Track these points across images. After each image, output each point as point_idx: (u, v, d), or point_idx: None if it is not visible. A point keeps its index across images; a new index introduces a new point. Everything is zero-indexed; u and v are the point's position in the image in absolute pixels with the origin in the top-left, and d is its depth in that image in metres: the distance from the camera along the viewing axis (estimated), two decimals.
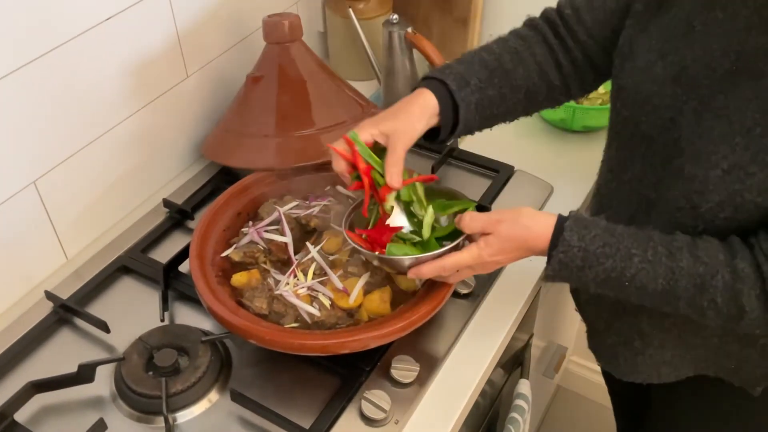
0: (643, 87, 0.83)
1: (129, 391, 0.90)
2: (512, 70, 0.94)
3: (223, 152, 1.18)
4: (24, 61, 0.94)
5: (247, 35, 1.32)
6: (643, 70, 0.84)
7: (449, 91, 0.90)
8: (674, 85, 0.80)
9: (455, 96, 0.90)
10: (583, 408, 2.00)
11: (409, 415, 0.89)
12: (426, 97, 0.90)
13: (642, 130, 0.85)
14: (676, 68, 0.80)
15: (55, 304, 1.03)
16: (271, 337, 0.87)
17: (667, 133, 0.81)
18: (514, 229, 0.82)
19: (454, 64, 0.93)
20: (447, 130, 0.93)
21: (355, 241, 0.88)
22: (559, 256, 0.80)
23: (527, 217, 0.82)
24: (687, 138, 0.79)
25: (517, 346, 1.21)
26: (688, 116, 0.79)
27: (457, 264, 0.84)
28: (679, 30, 0.81)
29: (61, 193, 1.06)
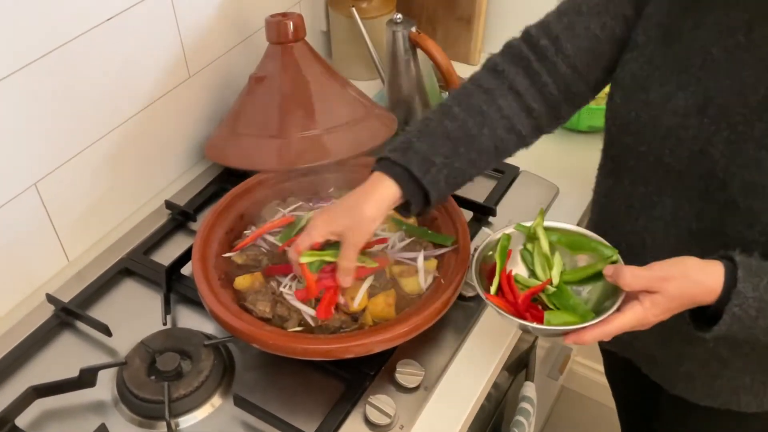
0: (662, 120, 0.81)
1: (131, 395, 0.89)
2: (478, 135, 0.88)
3: (226, 153, 1.17)
4: (25, 62, 0.93)
5: (250, 35, 1.31)
6: (659, 104, 0.81)
7: (414, 177, 0.85)
8: (700, 116, 0.78)
9: (422, 182, 0.85)
10: (587, 409, 2.00)
11: (415, 420, 0.88)
12: (385, 189, 0.85)
13: (667, 164, 0.82)
14: (701, 98, 0.78)
15: (57, 307, 1.02)
16: (274, 341, 0.86)
17: (698, 165, 0.79)
18: (684, 287, 0.75)
19: (415, 142, 0.86)
20: (418, 207, 0.88)
21: (499, 306, 0.84)
22: (733, 310, 0.72)
23: (696, 271, 0.75)
24: (725, 169, 0.77)
25: (522, 348, 1.21)
26: (720, 146, 0.77)
27: (622, 328, 0.77)
28: (696, 60, 0.79)
29: (63, 195, 1.06)
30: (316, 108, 1.16)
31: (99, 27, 1.01)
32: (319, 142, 1.13)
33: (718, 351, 0.89)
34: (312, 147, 1.13)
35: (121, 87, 1.09)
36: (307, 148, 1.13)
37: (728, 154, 0.76)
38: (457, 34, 1.50)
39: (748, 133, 0.75)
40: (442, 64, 1.23)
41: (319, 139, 1.13)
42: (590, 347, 1.94)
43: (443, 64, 1.23)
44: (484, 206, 1.14)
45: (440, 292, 0.91)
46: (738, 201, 0.76)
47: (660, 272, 0.76)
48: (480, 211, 1.14)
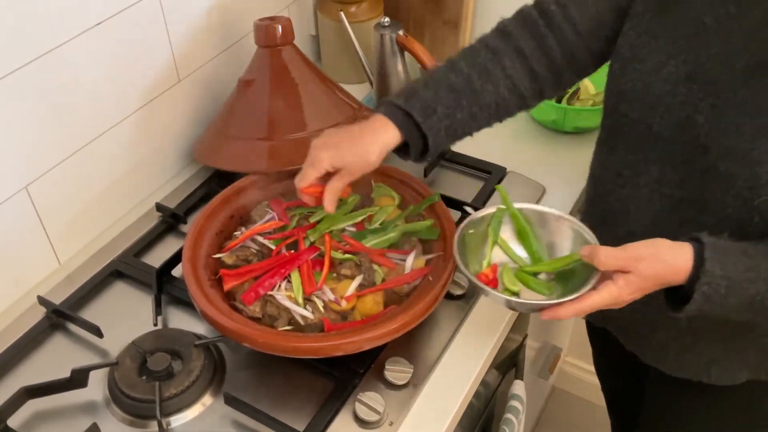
0: (653, 88, 0.83)
1: (122, 395, 0.90)
2: (480, 90, 0.91)
3: (216, 156, 1.18)
4: (14, 67, 0.94)
5: (239, 39, 1.32)
6: (652, 72, 0.83)
7: (415, 122, 0.88)
8: (689, 83, 0.80)
9: (422, 127, 0.88)
10: (577, 408, 2.01)
11: (404, 416, 0.89)
12: (389, 136, 0.88)
13: (655, 132, 0.84)
14: (691, 66, 0.80)
15: (48, 309, 1.02)
16: (264, 339, 0.87)
17: (684, 132, 0.81)
18: (655, 267, 0.77)
19: (420, 90, 0.90)
20: (417, 154, 0.91)
21: (483, 282, 0.86)
22: (703, 289, 0.75)
23: (666, 251, 0.78)
24: (707, 134, 0.79)
25: (511, 347, 1.22)
26: (705, 113, 0.79)
27: (595, 306, 0.80)
28: (689, 29, 0.81)
29: (54, 198, 1.06)
30: (305, 111, 1.17)
31: (89, 31, 1.02)
32: (308, 145, 1.14)
33: (690, 323, 0.91)
34: (300, 149, 1.12)
35: (111, 91, 1.09)
36: (295, 150, 1.13)
37: (711, 119, 0.78)
38: (444, 37, 1.51)
39: (731, 100, 0.77)
40: (430, 66, 1.24)
41: (307, 142, 1.13)
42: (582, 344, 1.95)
43: (431, 66, 1.24)
44: (472, 206, 1.15)
45: (429, 290, 0.92)
46: (718, 166, 0.78)
47: (633, 253, 0.78)
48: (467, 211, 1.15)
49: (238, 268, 0.97)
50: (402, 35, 1.26)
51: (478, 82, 0.91)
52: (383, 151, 0.88)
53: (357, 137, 0.88)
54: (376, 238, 1.01)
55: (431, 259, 0.99)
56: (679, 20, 0.82)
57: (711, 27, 0.79)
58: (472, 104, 0.91)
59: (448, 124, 0.90)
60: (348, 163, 0.87)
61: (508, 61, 0.92)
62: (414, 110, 0.88)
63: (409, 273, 0.96)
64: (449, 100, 0.89)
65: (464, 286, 1.03)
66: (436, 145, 0.90)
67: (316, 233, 1.00)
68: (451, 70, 0.92)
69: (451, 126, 0.90)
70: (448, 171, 1.27)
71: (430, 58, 1.25)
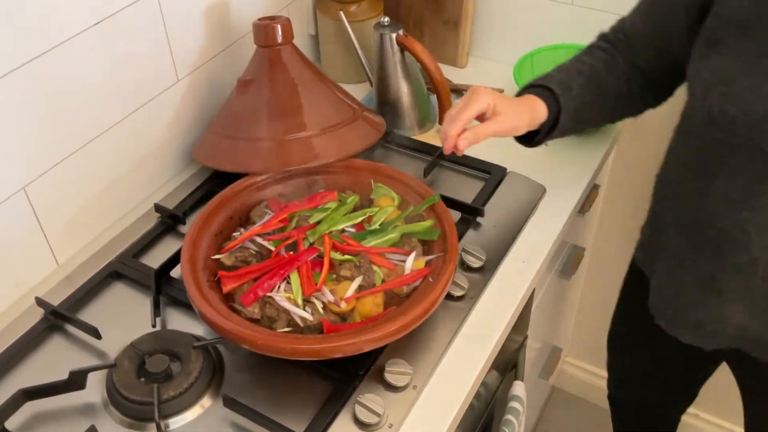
0: (755, 108, 0.82)
1: (121, 397, 0.89)
2: (605, 78, 0.99)
3: (214, 156, 1.18)
4: (12, 67, 0.93)
5: (238, 39, 1.31)
6: (749, 93, 0.82)
7: (554, 96, 0.95)
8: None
9: (560, 100, 0.95)
10: (578, 409, 2.01)
11: (404, 418, 0.89)
12: (540, 108, 0.96)
13: (765, 152, 0.83)
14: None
15: (46, 310, 1.02)
16: (263, 341, 0.86)
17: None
18: None
19: (554, 73, 0.99)
20: (542, 132, 0.98)
21: None
22: None
23: None
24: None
25: (511, 348, 1.21)
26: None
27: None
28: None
29: (52, 199, 1.06)
30: (305, 111, 1.17)
31: (87, 31, 1.02)
32: (308, 145, 1.14)
33: None
34: (300, 150, 1.13)
35: (109, 91, 1.09)
36: (295, 150, 1.13)
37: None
38: (445, 37, 1.51)
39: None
40: (430, 66, 1.24)
41: (307, 142, 1.14)
42: (582, 345, 1.95)
43: (431, 66, 1.24)
44: (472, 207, 1.14)
45: (429, 291, 0.92)
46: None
47: None
48: (468, 211, 1.15)
49: (237, 270, 0.96)
50: (402, 35, 1.26)
51: (603, 71, 1.00)
52: (533, 121, 0.95)
53: (518, 101, 0.96)
54: (376, 239, 1.00)
55: (431, 260, 0.98)
56: (764, 40, 0.81)
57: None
58: (598, 90, 0.98)
59: (578, 104, 0.97)
60: (505, 113, 0.91)
61: (619, 58, 1.01)
62: (553, 84, 0.96)
63: (409, 274, 0.96)
64: (581, 81, 0.97)
65: (464, 287, 1.02)
66: (563, 125, 0.96)
67: (315, 234, 1.00)
68: (577, 62, 1.01)
69: (579, 107, 0.97)
70: (448, 171, 1.27)
71: (430, 58, 1.24)
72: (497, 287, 1.05)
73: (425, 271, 0.96)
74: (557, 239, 1.14)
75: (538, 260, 1.09)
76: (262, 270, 0.95)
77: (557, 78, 0.99)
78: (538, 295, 1.30)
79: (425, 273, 0.96)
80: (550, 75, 1.00)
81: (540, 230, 1.14)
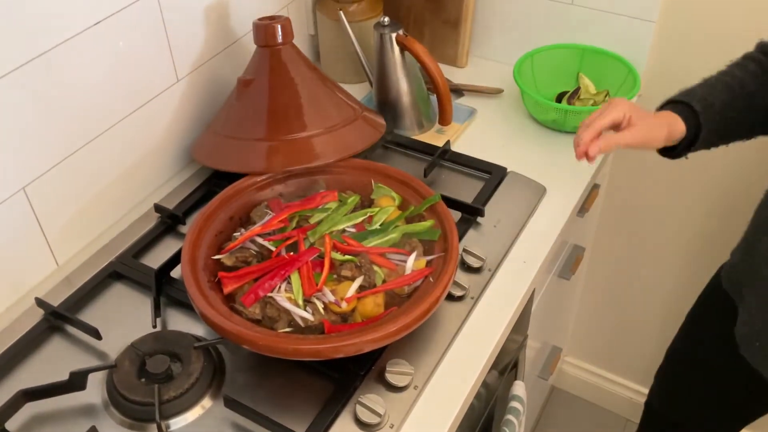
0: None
1: (121, 398, 0.89)
2: (755, 92, 0.97)
3: (215, 156, 1.17)
4: (12, 67, 0.93)
5: (238, 38, 1.31)
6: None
7: (695, 113, 0.94)
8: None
9: (700, 117, 0.93)
10: (577, 408, 2.01)
11: (405, 419, 0.89)
12: (678, 125, 0.94)
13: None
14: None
15: (46, 311, 1.02)
16: (264, 342, 0.86)
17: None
18: None
19: (697, 88, 0.97)
20: (684, 146, 0.97)
21: None
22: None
23: None
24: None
25: (511, 348, 1.21)
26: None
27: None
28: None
29: (51, 199, 1.05)
30: (305, 111, 1.17)
31: (86, 31, 1.02)
32: (308, 145, 1.14)
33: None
34: (300, 150, 1.13)
35: (108, 91, 1.09)
36: (295, 150, 1.13)
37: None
38: (445, 37, 1.51)
39: None
40: (430, 66, 1.24)
41: (307, 142, 1.14)
42: (582, 344, 1.95)
43: (431, 66, 1.24)
44: (473, 207, 1.14)
45: (429, 291, 0.92)
46: None
47: None
48: (468, 211, 1.15)
49: (237, 271, 0.96)
50: (402, 35, 1.25)
51: (753, 85, 0.97)
52: (670, 136, 0.94)
53: (655, 116, 0.95)
54: (377, 239, 1.00)
55: (432, 260, 0.98)
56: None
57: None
58: (745, 105, 0.96)
59: (722, 120, 0.94)
60: (640, 125, 0.91)
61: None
62: (693, 101, 0.94)
63: (410, 274, 0.96)
64: (725, 97, 0.95)
65: (465, 287, 1.02)
66: (706, 140, 0.95)
67: (316, 234, 1.00)
68: (725, 75, 0.99)
69: (723, 122, 0.95)
70: (449, 171, 1.27)
71: (430, 58, 1.24)
72: (498, 287, 1.05)
73: (426, 271, 0.96)
74: (557, 239, 1.14)
75: (538, 260, 1.09)
76: (263, 270, 0.95)
77: (699, 94, 0.97)
78: (538, 295, 1.31)
79: (426, 273, 0.96)
80: (693, 90, 0.98)
81: (540, 230, 1.14)
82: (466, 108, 1.40)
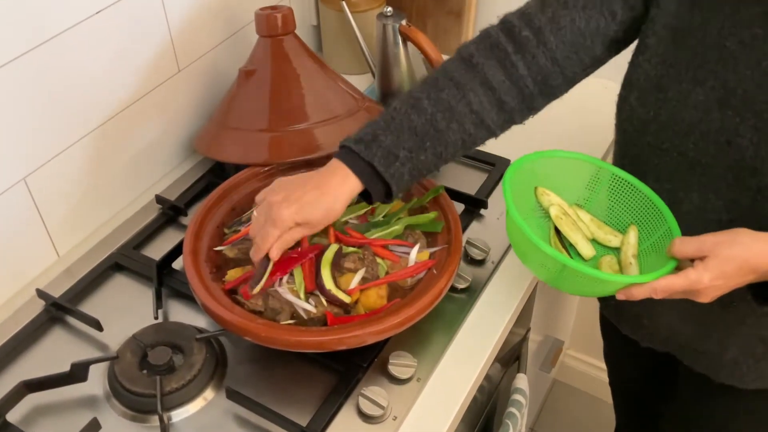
0: (683, 116, 0.82)
1: (123, 389, 0.89)
2: (445, 129, 0.87)
3: (216, 147, 1.17)
4: (12, 57, 0.93)
5: (240, 28, 1.30)
6: (678, 101, 0.82)
7: (377, 171, 0.85)
8: (723, 109, 0.79)
9: (384, 176, 0.85)
10: (579, 401, 2.01)
11: (408, 411, 0.88)
12: (350, 187, 0.85)
13: (691, 159, 0.83)
14: (720, 92, 0.79)
15: (47, 302, 1.01)
16: (267, 334, 0.86)
17: (726, 156, 0.80)
18: (734, 249, 0.75)
19: (381, 135, 0.85)
20: (380, 197, 0.88)
21: None
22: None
23: (745, 234, 0.76)
24: (754, 155, 0.78)
25: (514, 341, 1.21)
26: (747, 135, 0.78)
27: (670, 288, 0.77)
28: (711, 55, 0.79)
29: (52, 190, 1.05)
30: (307, 101, 1.16)
31: (87, 21, 1.01)
32: (310, 136, 1.13)
33: (761, 333, 0.91)
34: (302, 140, 1.13)
35: (110, 81, 1.08)
36: (297, 141, 1.12)
37: (757, 141, 0.77)
38: (448, 28, 1.50)
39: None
40: (433, 57, 1.23)
41: (309, 133, 1.13)
42: (584, 337, 1.95)
43: (434, 57, 1.23)
44: (476, 198, 1.14)
45: (433, 283, 0.91)
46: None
47: (710, 237, 0.77)
48: (471, 203, 1.14)
49: (241, 277, 0.95)
50: (405, 25, 1.25)
51: (443, 122, 0.86)
52: (347, 202, 0.86)
53: (320, 190, 0.85)
54: (379, 231, 1.00)
55: (435, 251, 0.98)
56: (697, 47, 0.80)
57: (736, 51, 0.77)
58: (436, 144, 0.87)
59: (411, 167, 0.86)
60: (313, 219, 0.85)
61: (473, 96, 0.87)
62: (375, 159, 0.84)
63: (413, 266, 0.95)
64: (412, 143, 0.86)
65: (468, 279, 1.02)
66: (400, 189, 0.88)
67: None
68: (413, 110, 0.87)
69: (414, 168, 0.87)
70: (452, 163, 1.25)
71: (433, 49, 1.23)
72: (501, 279, 1.05)
73: (429, 263, 0.95)
74: None
75: None
76: None
77: (383, 145, 0.85)
78: (540, 288, 1.30)
79: (429, 265, 0.95)
80: (377, 139, 0.85)
81: None
82: None
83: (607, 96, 1.09)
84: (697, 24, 0.80)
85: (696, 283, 0.76)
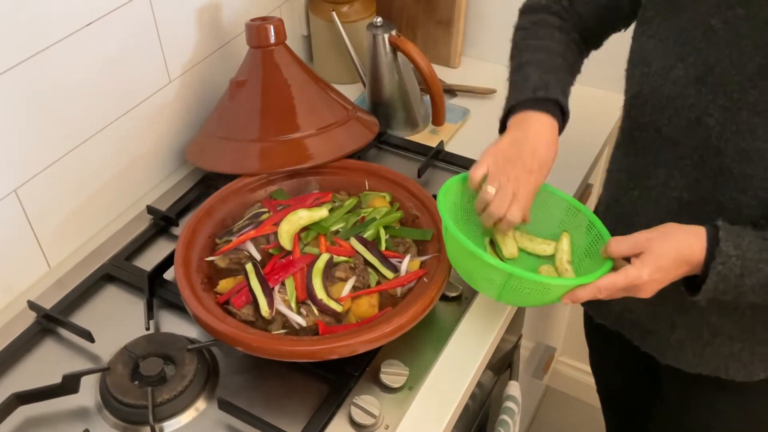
0: (662, 90, 0.84)
1: (114, 401, 0.88)
2: (574, 63, 0.98)
3: (207, 157, 1.17)
4: (3, 68, 0.93)
5: (230, 39, 1.31)
6: (660, 75, 0.84)
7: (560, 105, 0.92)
8: (698, 86, 0.81)
9: (564, 108, 0.92)
10: (572, 408, 2.01)
11: (399, 419, 0.89)
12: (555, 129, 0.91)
13: (664, 134, 0.85)
14: (700, 69, 0.81)
15: (38, 314, 1.01)
16: (258, 344, 0.86)
17: (694, 134, 0.82)
18: (668, 243, 0.78)
19: (551, 79, 0.92)
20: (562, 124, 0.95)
21: None
22: (718, 269, 0.76)
23: (678, 229, 0.79)
24: (719, 136, 0.80)
25: (506, 348, 1.21)
26: (715, 115, 0.80)
27: (613, 286, 0.80)
28: (696, 32, 0.81)
29: (43, 202, 1.05)
30: (298, 111, 1.17)
31: (78, 32, 1.01)
32: (301, 146, 1.13)
33: (709, 318, 0.93)
34: (293, 150, 1.13)
35: (100, 92, 1.08)
36: (288, 151, 1.13)
37: (723, 121, 0.79)
38: (437, 37, 1.51)
39: (743, 101, 0.78)
40: (423, 67, 1.24)
41: (300, 143, 1.14)
42: (576, 344, 1.96)
43: (424, 67, 1.24)
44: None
45: (424, 292, 0.92)
46: (732, 167, 0.79)
47: (643, 234, 0.80)
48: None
49: (234, 288, 0.95)
50: (395, 35, 1.25)
51: (571, 56, 0.97)
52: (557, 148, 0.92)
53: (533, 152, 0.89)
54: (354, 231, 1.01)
55: (426, 260, 0.98)
56: (686, 24, 0.83)
57: (719, 29, 0.79)
58: (575, 74, 0.99)
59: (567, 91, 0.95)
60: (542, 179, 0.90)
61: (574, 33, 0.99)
62: (561, 99, 0.91)
63: (405, 275, 0.96)
64: (570, 79, 0.96)
65: (459, 287, 1.02)
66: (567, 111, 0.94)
67: (309, 237, 0.99)
68: (557, 56, 0.95)
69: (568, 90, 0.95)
70: (442, 171, 1.26)
71: (423, 58, 1.24)
72: None
73: (420, 272, 0.96)
74: None
75: None
76: None
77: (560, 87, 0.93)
78: None
79: (420, 274, 0.96)
80: (549, 83, 0.92)
81: None
82: (459, 108, 1.40)
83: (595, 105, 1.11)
84: (690, 0, 0.82)
85: (636, 278, 0.79)
